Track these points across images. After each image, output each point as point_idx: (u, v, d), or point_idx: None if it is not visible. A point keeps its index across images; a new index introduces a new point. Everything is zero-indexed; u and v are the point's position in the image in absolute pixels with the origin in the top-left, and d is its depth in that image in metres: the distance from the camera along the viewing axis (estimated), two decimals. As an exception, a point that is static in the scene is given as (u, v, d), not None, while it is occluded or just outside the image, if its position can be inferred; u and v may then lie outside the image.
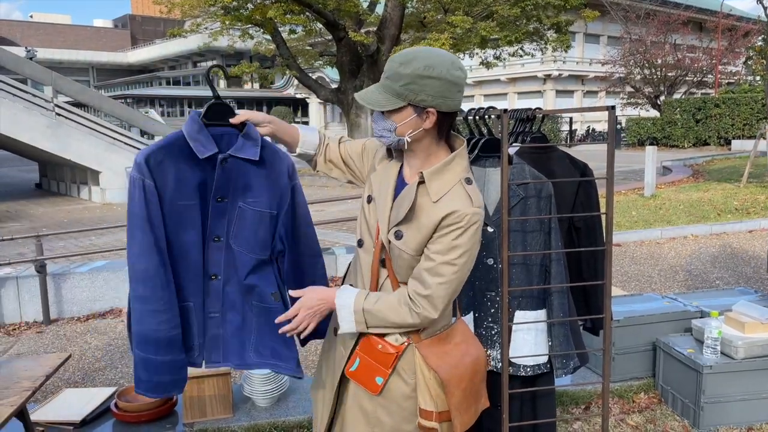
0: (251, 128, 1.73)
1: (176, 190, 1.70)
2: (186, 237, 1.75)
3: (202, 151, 1.69)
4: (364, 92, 1.62)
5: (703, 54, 28.76)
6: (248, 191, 1.75)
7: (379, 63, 17.10)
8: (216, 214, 1.76)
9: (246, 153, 1.71)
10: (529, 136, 2.49)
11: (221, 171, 1.72)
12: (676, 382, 3.32)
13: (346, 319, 1.63)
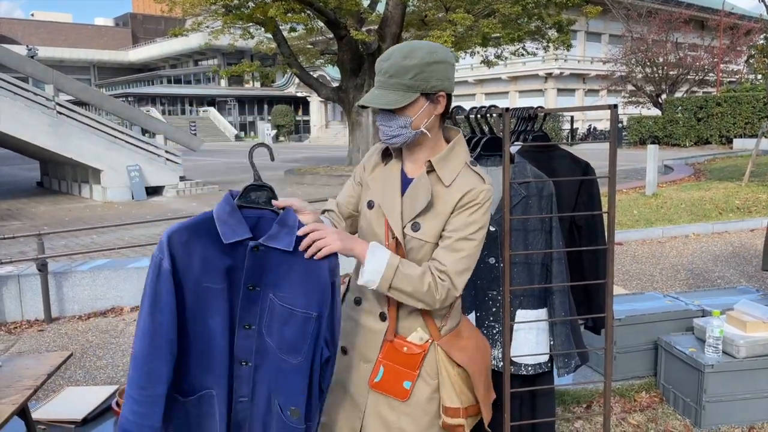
0: (288, 214, 1.56)
1: (202, 272, 1.55)
2: (211, 322, 1.57)
3: (230, 236, 1.53)
4: (370, 97, 1.60)
5: (705, 52, 28.72)
6: (279, 284, 1.56)
7: (380, 61, 17.07)
8: (247, 302, 1.57)
9: (279, 242, 1.53)
10: (531, 134, 2.49)
11: (252, 259, 1.54)
12: (677, 381, 3.32)
13: (375, 270, 1.58)
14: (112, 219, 11.13)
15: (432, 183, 1.63)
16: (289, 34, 18.77)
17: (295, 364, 1.56)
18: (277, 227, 1.54)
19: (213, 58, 57.08)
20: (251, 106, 54.82)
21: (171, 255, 1.52)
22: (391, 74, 1.57)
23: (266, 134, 47.08)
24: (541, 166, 2.34)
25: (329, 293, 1.53)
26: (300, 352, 1.55)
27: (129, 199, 14.08)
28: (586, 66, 36.52)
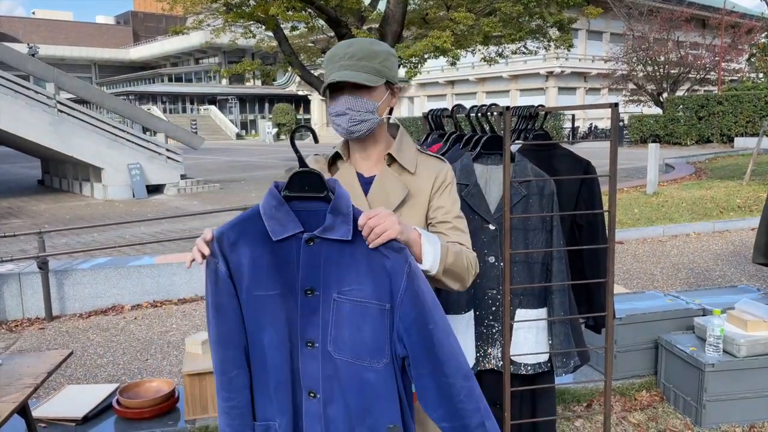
0: (341, 200, 1.38)
1: (252, 278, 1.38)
2: (264, 337, 1.39)
3: (279, 232, 1.37)
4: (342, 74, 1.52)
5: (706, 51, 28.69)
6: (344, 278, 1.37)
7: (381, 60, 17.04)
8: (306, 311, 1.38)
9: (336, 233, 1.36)
10: (532, 133, 2.48)
11: (307, 255, 1.37)
12: (678, 380, 3.32)
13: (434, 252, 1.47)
14: (113, 217, 11.14)
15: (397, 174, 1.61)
16: (291, 33, 18.75)
17: (380, 369, 1.36)
18: (331, 217, 1.37)
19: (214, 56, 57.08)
20: (252, 105, 54.83)
21: (224, 258, 1.39)
22: (360, 57, 1.52)
23: (267, 132, 47.09)
24: (541, 164, 2.33)
25: (400, 281, 1.36)
26: (384, 352, 1.36)
27: (130, 198, 14.08)
28: (588, 64, 36.50)
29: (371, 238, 1.36)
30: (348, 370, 1.37)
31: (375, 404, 1.36)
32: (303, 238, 1.37)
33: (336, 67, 1.53)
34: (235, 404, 1.41)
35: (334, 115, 1.57)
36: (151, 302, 5.75)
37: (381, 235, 1.35)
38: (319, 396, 1.38)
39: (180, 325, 5.19)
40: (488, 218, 2.15)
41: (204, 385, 3.16)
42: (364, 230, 1.36)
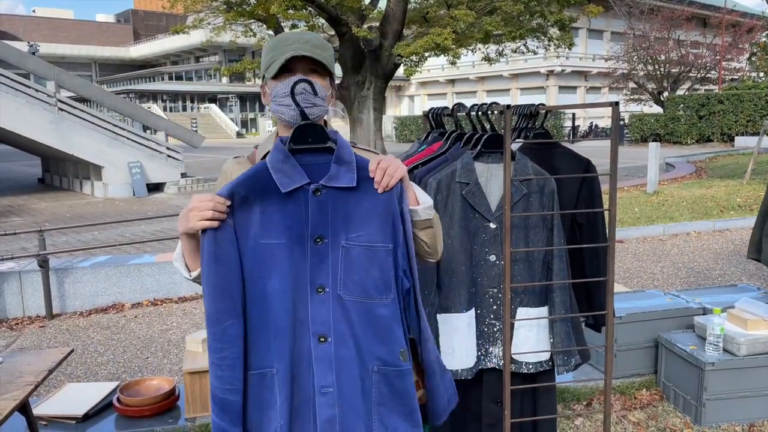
0: (343, 150, 1.46)
1: (261, 228, 1.43)
2: (269, 284, 1.44)
3: (286, 184, 1.42)
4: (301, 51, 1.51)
5: (707, 50, 28.68)
6: (351, 225, 1.45)
7: (381, 59, 17.05)
8: (316, 259, 1.44)
9: (341, 180, 1.44)
10: (532, 132, 2.48)
11: (315, 205, 1.44)
12: (678, 379, 3.32)
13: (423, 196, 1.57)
14: (114, 215, 11.14)
15: None
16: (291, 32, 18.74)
17: (389, 304, 1.46)
18: (335, 166, 1.44)
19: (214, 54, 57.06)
20: (252, 103, 54.80)
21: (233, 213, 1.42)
22: (315, 45, 1.53)
23: (267, 131, 47.09)
24: (542, 163, 2.33)
25: (399, 221, 1.47)
26: (391, 288, 1.46)
27: (130, 196, 14.09)
28: (588, 63, 36.49)
29: (385, 180, 1.43)
30: (358, 309, 1.45)
31: (387, 335, 1.46)
32: (310, 189, 1.43)
33: (290, 49, 1.52)
34: (226, 355, 1.42)
35: (284, 96, 1.51)
36: (152, 300, 5.75)
37: (393, 176, 1.44)
38: (330, 339, 1.44)
39: (180, 323, 5.20)
40: (489, 217, 2.15)
41: (204, 383, 3.16)
42: (376, 174, 1.44)
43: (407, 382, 1.48)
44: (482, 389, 2.27)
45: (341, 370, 1.45)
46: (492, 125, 2.31)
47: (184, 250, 1.53)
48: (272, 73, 1.53)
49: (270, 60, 1.55)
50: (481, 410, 2.28)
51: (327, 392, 1.44)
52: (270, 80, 1.56)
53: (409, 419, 1.49)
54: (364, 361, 1.46)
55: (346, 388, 1.45)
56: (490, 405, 2.28)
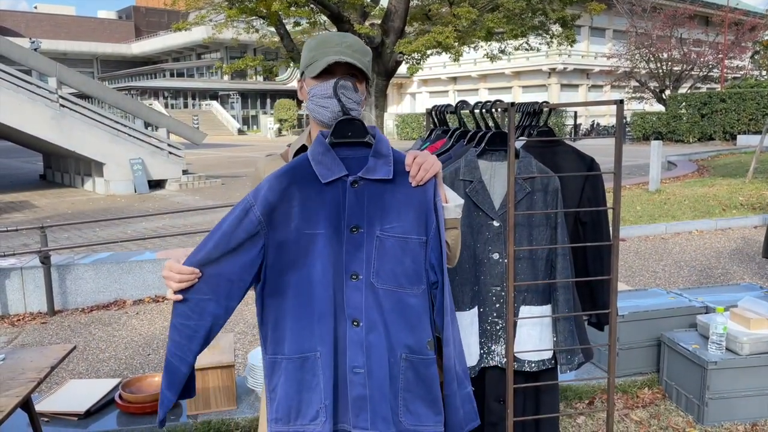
0: (381, 144, 1.53)
1: (302, 218, 1.50)
2: (313, 272, 1.51)
3: (326, 175, 1.50)
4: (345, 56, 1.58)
5: (709, 48, 28.61)
6: (386, 216, 1.51)
7: (383, 56, 17.02)
8: (351, 247, 1.51)
9: (378, 173, 1.50)
10: (536, 129, 2.47)
11: (352, 196, 1.51)
12: (680, 378, 3.31)
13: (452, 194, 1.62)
14: (115, 212, 11.14)
15: None
16: (293, 29, 18.72)
17: (419, 294, 1.53)
18: (373, 160, 1.51)
19: (216, 51, 57.01)
20: (254, 100, 54.76)
21: (267, 203, 1.48)
22: (356, 49, 1.60)
23: (269, 128, 47.05)
24: (545, 161, 2.32)
25: (433, 215, 1.53)
26: (422, 279, 1.53)
27: (132, 193, 14.09)
28: (590, 61, 36.43)
29: (420, 174, 1.50)
30: (389, 297, 1.51)
31: (417, 325, 1.53)
32: (348, 180, 1.50)
33: (333, 51, 1.58)
34: (190, 324, 1.47)
35: (324, 97, 1.60)
36: (153, 297, 5.75)
37: (429, 170, 1.51)
38: (362, 324, 1.51)
39: (182, 320, 5.19)
40: (492, 215, 2.15)
41: (207, 380, 3.16)
42: (412, 168, 1.51)
43: (432, 370, 1.53)
44: (484, 388, 2.26)
45: (371, 353, 1.51)
46: (496, 123, 2.31)
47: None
48: (314, 73, 1.60)
49: (311, 59, 1.62)
50: (483, 409, 2.28)
51: (358, 372, 1.51)
52: (309, 78, 1.63)
53: (433, 407, 1.55)
54: (393, 347, 1.52)
55: (375, 371, 1.51)
56: (493, 403, 2.27)
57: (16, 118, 12.90)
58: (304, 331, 1.51)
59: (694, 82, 29.72)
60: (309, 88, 1.63)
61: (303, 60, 1.66)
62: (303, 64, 1.66)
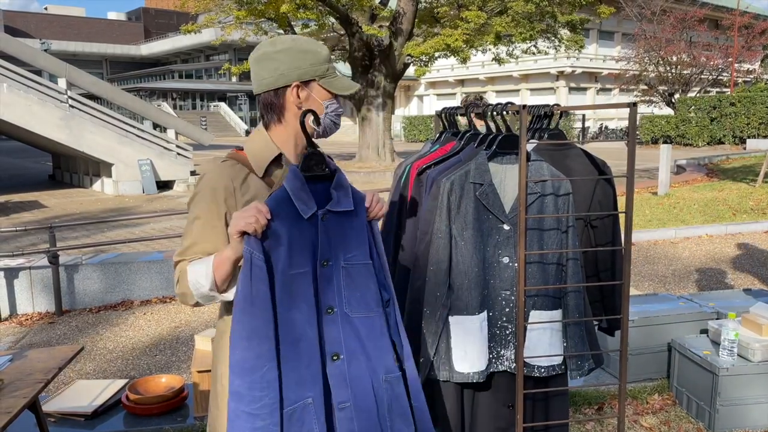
0: (341, 177, 1.56)
1: (288, 258, 1.46)
2: (299, 313, 1.48)
3: (306, 211, 1.48)
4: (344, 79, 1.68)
5: (719, 52, 28.45)
6: (348, 246, 1.55)
7: (391, 58, 17.03)
8: (324, 281, 1.52)
9: (343, 205, 1.54)
10: (547, 132, 2.45)
11: (323, 229, 1.51)
12: (691, 384, 3.28)
13: None
14: (123, 212, 11.17)
15: None
16: (301, 30, 18.76)
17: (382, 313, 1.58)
18: (335, 192, 1.55)
19: (224, 53, 57.19)
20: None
21: (261, 245, 1.43)
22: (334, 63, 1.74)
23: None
24: (556, 164, 2.30)
25: (371, 235, 1.61)
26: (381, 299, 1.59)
27: (140, 193, 14.13)
28: (599, 64, 36.28)
29: (378, 207, 1.61)
30: (364, 324, 1.55)
31: (388, 344, 1.58)
32: (319, 214, 1.51)
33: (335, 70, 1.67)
34: (266, 402, 1.41)
35: (339, 114, 1.67)
36: (161, 298, 5.75)
37: (383, 207, 1.63)
38: (343, 356, 1.52)
39: (189, 321, 5.19)
40: (503, 218, 2.12)
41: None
42: (373, 203, 1.60)
43: (402, 386, 1.60)
44: (493, 392, 2.24)
45: (355, 385, 1.51)
46: (507, 125, 2.29)
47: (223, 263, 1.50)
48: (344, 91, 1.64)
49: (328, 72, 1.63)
50: (492, 414, 2.25)
51: (345, 407, 1.50)
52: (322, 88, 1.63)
53: (406, 420, 1.59)
54: (375, 371, 1.55)
55: (361, 402, 1.51)
56: (502, 409, 2.25)
57: (25, 119, 12.97)
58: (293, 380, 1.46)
59: (703, 86, 29.55)
60: (325, 101, 1.63)
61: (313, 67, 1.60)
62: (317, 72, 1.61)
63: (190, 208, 1.62)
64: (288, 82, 1.60)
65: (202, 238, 1.57)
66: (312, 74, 1.61)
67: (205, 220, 1.57)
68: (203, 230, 1.57)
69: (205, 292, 1.54)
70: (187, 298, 1.58)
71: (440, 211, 2.10)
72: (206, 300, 1.58)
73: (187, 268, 1.56)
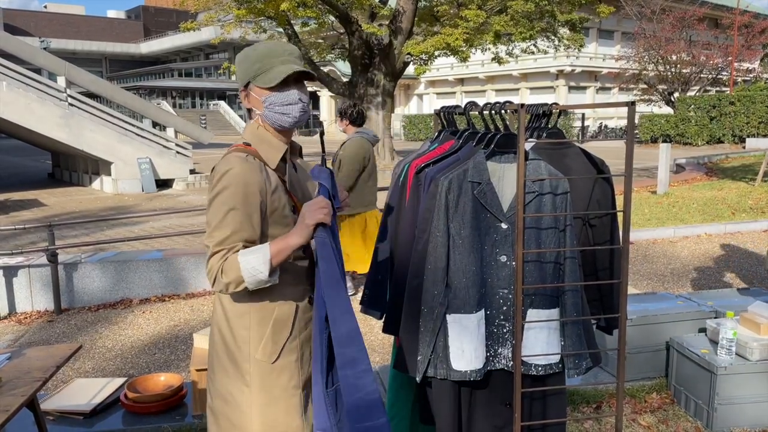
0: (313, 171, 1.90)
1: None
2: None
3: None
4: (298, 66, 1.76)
5: (719, 51, 28.44)
6: None
7: (390, 56, 17.01)
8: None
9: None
10: (545, 131, 2.45)
11: None
12: (689, 383, 3.28)
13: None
14: (123, 211, 11.17)
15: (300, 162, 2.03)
16: (301, 29, 18.75)
17: None
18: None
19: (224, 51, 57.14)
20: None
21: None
22: (297, 56, 1.79)
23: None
24: (554, 163, 2.30)
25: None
26: None
27: (139, 192, 14.13)
28: (598, 63, 36.27)
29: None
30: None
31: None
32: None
33: (280, 61, 1.74)
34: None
35: (285, 105, 1.75)
36: (159, 296, 5.75)
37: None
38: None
39: (188, 319, 5.20)
40: (500, 217, 2.13)
41: (212, 380, 3.15)
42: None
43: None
44: (491, 391, 2.25)
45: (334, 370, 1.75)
46: (505, 124, 2.29)
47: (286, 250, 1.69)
48: (271, 83, 1.73)
49: (259, 70, 1.75)
50: (489, 412, 2.26)
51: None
52: (259, 88, 1.76)
53: None
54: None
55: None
56: (499, 407, 2.25)
57: (25, 117, 12.96)
58: None
59: (703, 85, 29.54)
60: (263, 97, 1.76)
61: (247, 71, 1.77)
62: (249, 75, 1.77)
63: (218, 200, 1.69)
64: (241, 88, 1.84)
65: (241, 227, 1.68)
66: (246, 78, 1.79)
67: (242, 211, 1.68)
68: (241, 220, 1.68)
69: (263, 278, 1.66)
70: (235, 286, 1.67)
71: (438, 209, 2.10)
72: (257, 286, 1.69)
73: (237, 258, 1.66)
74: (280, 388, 1.82)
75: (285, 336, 1.82)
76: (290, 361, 1.83)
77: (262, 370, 1.80)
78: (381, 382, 3.58)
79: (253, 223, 1.70)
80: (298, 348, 1.85)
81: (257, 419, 1.80)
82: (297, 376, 1.84)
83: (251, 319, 1.79)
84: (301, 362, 1.86)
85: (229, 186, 1.68)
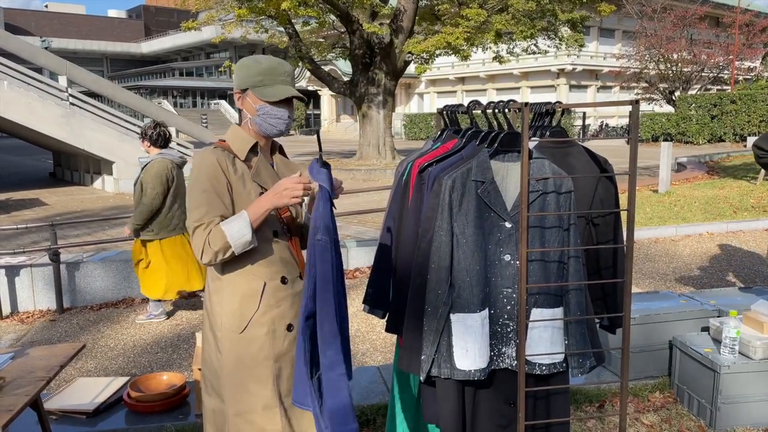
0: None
1: None
2: None
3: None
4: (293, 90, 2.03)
5: (720, 49, 28.40)
6: None
7: (391, 55, 17.00)
8: None
9: None
10: (548, 130, 2.45)
11: None
12: (692, 382, 3.28)
13: None
14: (124, 210, 11.17)
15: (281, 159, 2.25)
16: (302, 28, 18.74)
17: None
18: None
19: (225, 51, 57.17)
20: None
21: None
22: (293, 78, 2.08)
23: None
24: (558, 162, 2.30)
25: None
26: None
27: (140, 191, 14.12)
28: (599, 62, 36.24)
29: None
30: None
31: None
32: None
33: (281, 81, 2.02)
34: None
35: (275, 118, 2.03)
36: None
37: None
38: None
39: (190, 318, 5.20)
40: (504, 216, 2.12)
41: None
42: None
43: None
44: (494, 390, 2.24)
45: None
46: (509, 123, 2.28)
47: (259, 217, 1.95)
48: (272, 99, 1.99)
49: (260, 82, 2.01)
50: (493, 411, 2.25)
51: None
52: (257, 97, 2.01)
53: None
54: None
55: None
56: (503, 406, 2.25)
57: (26, 116, 12.96)
58: None
59: (704, 84, 29.51)
60: (258, 105, 2.03)
61: (248, 79, 2.02)
62: (249, 83, 2.02)
63: (192, 186, 1.98)
64: (236, 90, 2.08)
65: (216, 204, 1.96)
66: (245, 84, 2.03)
67: (213, 191, 1.97)
68: (214, 199, 1.96)
69: (248, 239, 1.94)
70: (223, 253, 1.93)
71: (442, 208, 2.10)
72: (243, 248, 1.95)
73: (221, 227, 1.93)
74: (250, 357, 2.04)
75: (252, 309, 2.04)
76: (260, 334, 2.04)
77: (231, 338, 2.04)
78: (384, 381, 3.58)
79: (225, 202, 1.98)
80: (269, 323, 2.06)
81: (228, 382, 2.04)
82: (268, 349, 2.05)
83: (224, 294, 2.06)
84: (273, 336, 2.06)
85: (200, 172, 1.98)
